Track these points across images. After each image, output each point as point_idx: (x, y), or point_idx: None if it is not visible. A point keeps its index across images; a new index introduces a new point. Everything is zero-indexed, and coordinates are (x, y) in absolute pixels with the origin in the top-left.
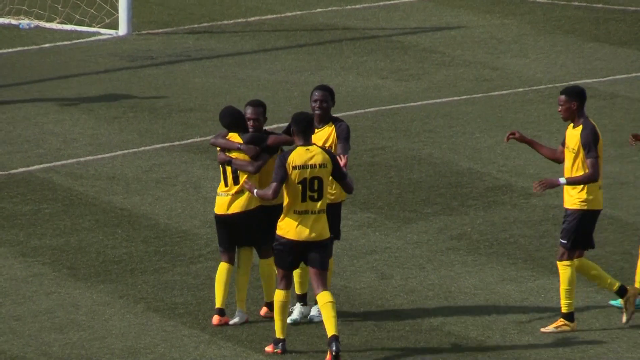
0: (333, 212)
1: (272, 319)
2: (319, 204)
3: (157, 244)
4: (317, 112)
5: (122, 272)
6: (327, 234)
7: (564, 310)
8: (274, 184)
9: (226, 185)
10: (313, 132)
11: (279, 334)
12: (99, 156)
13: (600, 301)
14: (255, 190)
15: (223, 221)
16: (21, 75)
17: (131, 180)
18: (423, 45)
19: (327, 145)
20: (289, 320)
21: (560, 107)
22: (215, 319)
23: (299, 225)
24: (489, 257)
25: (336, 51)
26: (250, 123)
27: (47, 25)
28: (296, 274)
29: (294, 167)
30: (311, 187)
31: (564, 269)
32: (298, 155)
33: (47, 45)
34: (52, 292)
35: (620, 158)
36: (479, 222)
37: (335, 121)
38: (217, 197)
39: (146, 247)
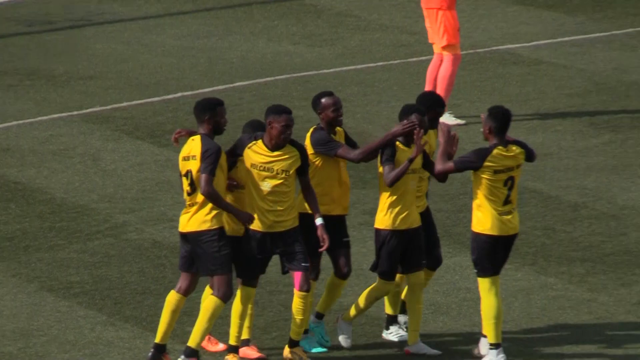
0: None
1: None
2: (192, 197)
3: (53, 220)
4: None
5: (15, 250)
6: (192, 228)
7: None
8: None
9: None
10: (202, 120)
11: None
12: None
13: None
14: None
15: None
16: None
17: (26, 152)
18: (337, 8)
19: None
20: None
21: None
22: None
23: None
24: None
25: (245, 15)
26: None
27: None
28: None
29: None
30: (187, 179)
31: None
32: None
33: None
34: None
35: (543, 128)
36: None
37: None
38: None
39: (41, 223)
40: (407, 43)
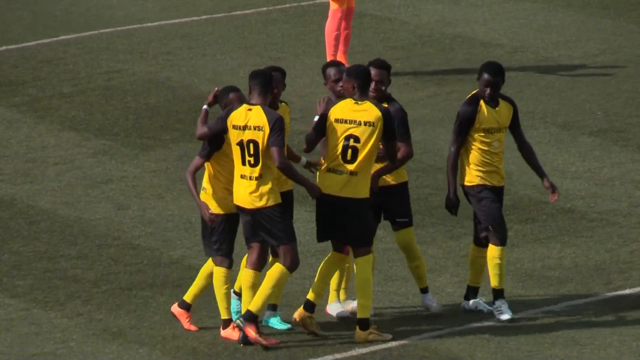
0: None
1: None
2: (256, 169)
3: None
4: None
5: None
6: (268, 202)
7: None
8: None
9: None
10: (269, 91)
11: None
12: None
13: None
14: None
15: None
16: None
17: None
18: None
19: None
20: None
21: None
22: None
23: (242, 191)
24: None
25: None
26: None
27: None
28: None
29: (233, 127)
30: (248, 150)
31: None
32: (238, 115)
33: None
34: None
35: None
36: None
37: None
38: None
39: None
40: None
